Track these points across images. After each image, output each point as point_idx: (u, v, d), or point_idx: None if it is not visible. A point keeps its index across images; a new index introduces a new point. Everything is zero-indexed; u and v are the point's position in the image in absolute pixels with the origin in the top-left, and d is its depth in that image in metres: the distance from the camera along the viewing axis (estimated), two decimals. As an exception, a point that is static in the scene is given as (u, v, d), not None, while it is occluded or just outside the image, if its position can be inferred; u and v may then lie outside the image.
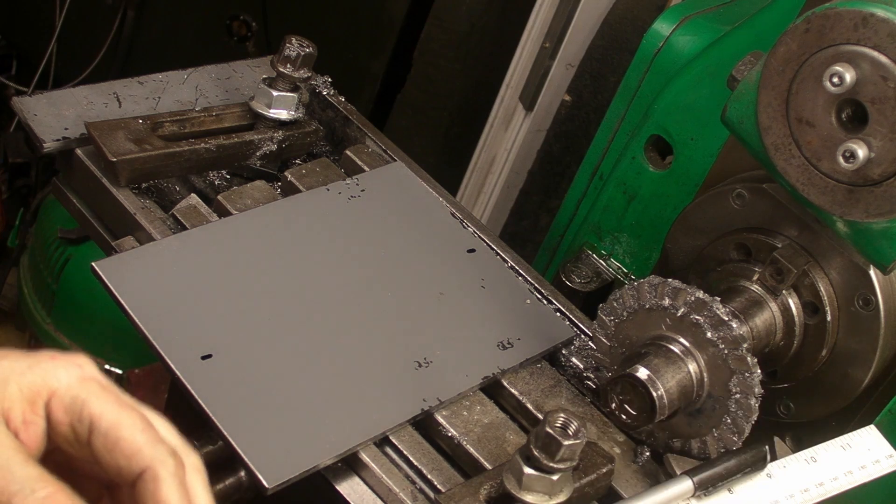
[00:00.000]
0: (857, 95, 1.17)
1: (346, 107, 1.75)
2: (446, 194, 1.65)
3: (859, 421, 1.44)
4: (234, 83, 1.74)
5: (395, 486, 1.25)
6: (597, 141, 1.81)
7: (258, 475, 1.18)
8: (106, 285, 1.34)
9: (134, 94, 1.65)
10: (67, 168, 1.57)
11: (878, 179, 1.19)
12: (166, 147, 1.52)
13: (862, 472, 1.32)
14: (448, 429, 1.33)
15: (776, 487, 1.28)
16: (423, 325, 1.43)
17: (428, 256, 1.54)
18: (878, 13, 1.14)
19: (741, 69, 1.33)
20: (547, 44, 2.62)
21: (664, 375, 1.27)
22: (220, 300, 1.36)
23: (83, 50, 3.39)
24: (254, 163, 1.63)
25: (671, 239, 1.53)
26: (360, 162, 1.66)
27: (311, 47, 1.61)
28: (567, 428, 1.15)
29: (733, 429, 1.30)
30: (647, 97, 1.70)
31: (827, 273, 1.38)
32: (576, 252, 1.83)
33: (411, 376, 1.36)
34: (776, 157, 1.28)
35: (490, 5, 2.76)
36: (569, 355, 1.48)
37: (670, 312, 1.30)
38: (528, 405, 1.39)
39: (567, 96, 2.68)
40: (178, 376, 1.26)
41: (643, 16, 2.48)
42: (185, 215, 1.49)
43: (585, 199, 1.82)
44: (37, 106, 1.56)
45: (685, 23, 1.67)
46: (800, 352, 1.42)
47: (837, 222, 1.30)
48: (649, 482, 1.34)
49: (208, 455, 1.31)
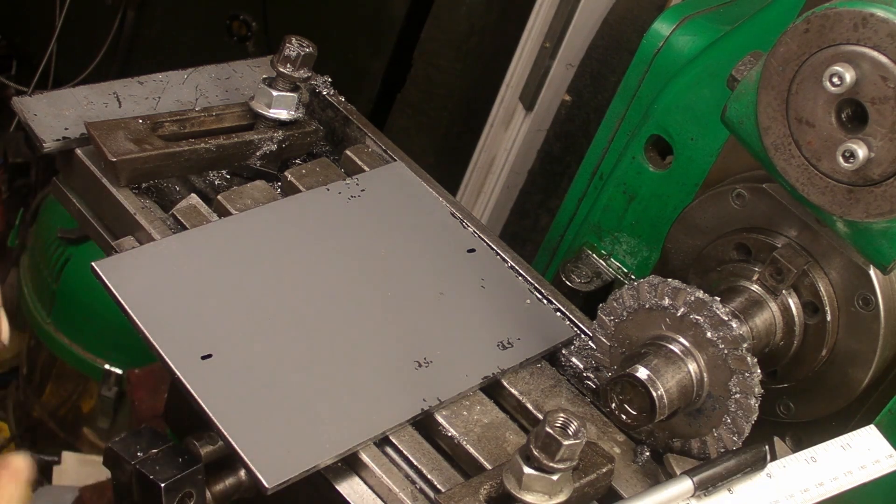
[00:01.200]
0: (856, 95, 1.17)
1: (346, 107, 1.75)
2: (446, 194, 1.65)
3: (859, 421, 1.44)
4: (234, 83, 1.74)
5: (395, 486, 1.25)
6: (597, 141, 1.81)
7: (258, 475, 1.18)
8: (106, 285, 1.34)
9: (134, 94, 1.65)
10: (67, 168, 1.57)
11: (878, 179, 1.19)
12: (166, 147, 1.52)
13: (862, 472, 1.32)
14: (448, 429, 1.33)
15: (776, 487, 1.28)
16: (423, 325, 1.43)
17: (428, 256, 1.54)
18: (878, 13, 1.14)
19: (741, 69, 1.33)
20: (547, 44, 2.62)
21: (664, 375, 1.27)
22: (220, 300, 1.36)
23: (83, 50, 3.39)
24: (254, 163, 1.63)
25: (671, 239, 1.53)
26: (360, 162, 1.66)
27: (311, 47, 1.61)
28: (567, 428, 1.15)
29: (733, 429, 1.31)
30: (647, 97, 1.70)
31: (827, 273, 1.38)
32: (576, 252, 1.83)
33: (411, 376, 1.36)
34: (776, 157, 1.28)
35: (490, 5, 2.76)
36: (569, 355, 1.48)
37: (670, 312, 1.30)
38: (528, 405, 1.39)
39: (567, 96, 2.68)
40: (178, 376, 1.26)
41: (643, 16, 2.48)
42: (185, 215, 1.49)
43: (585, 199, 1.82)
44: (37, 106, 1.56)
45: (685, 23, 1.67)
46: (800, 352, 1.42)
47: (837, 222, 1.30)
48: (649, 482, 1.34)
49: (208, 455, 1.31)
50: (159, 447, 1.27)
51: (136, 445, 1.26)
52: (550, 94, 2.67)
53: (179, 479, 1.24)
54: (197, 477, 1.27)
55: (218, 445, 1.31)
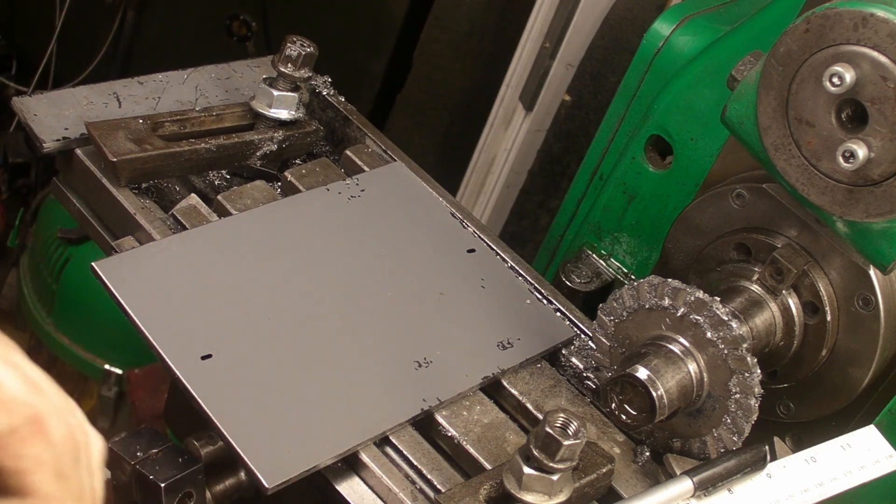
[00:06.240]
0: (857, 95, 1.17)
1: (346, 107, 1.75)
2: (446, 194, 1.65)
3: (859, 421, 1.44)
4: (234, 83, 1.74)
5: (395, 486, 1.25)
6: (597, 141, 1.81)
7: (258, 475, 1.18)
8: (106, 285, 1.34)
9: (134, 94, 1.64)
10: (67, 168, 1.57)
11: (878, 179, 1.19)
12: (166, 147, 1.52)
13: (862, 472, 1.32)
14: (448, 429, 1.33)
15: (776, 487, 1.28)
16: (423, 325, 1.43)
17: (428, 256, 1.54)
18: (878, 13, 1.14)
19: (741, 69, 1.33)
20: (547, 44, 2.62)
21: (664, 375, 1.27)
22: (220, 300, 1.36)
23: (83, 50, 3.39)
24: (254, 163, 1.63)
25: (671, 239, 1.53)
26: (360, 162, 1.66)
27: (312, 47, 1.61)
28: (567, 428, 1.15)
29: (733, 429, 1.30)
30: (647, 97, 1.70)
31: (827, 273, 1.38)
32: (576, 252, 1.83)
33: (411, 376, 1.36)
34: (776, 157, 1.28)
35: (490, 5, 2.76)
36: (569, 355, 1.48)
37: (670, 312, 1.30)
38: (528, 405, 1.39)
39: (567, 96, 2.68)
40: (178, 376, 1.26)
41: (643, 16, 2.48)
42: (185, 215, 1.49)
43: (585, 199, 1.82)
44: (37, 106, 1.56)
45: (685, 23, 1.67)
46: (800, 352, 1.42)
47: (837, 222, 1.30)
48: (649, 482, 1.34)
49: (208, 455, 1.31)
50: (159, 447, 1.27)
51: (136, 445, 1.26)
52: (550, 94, 2.66)
53: (179, 479, 1.24)
54: (197, 477, 1.27)
55: (218, 445, 1.31)
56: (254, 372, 1.29)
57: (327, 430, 1.26)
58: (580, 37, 2.59)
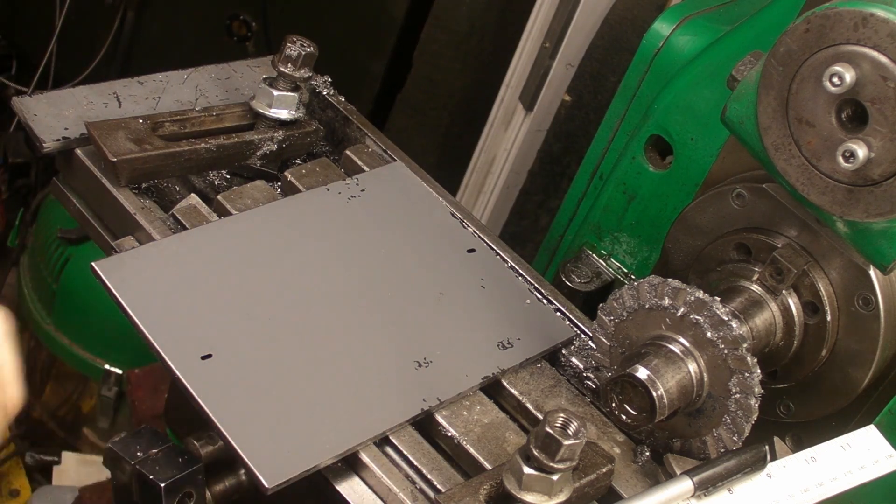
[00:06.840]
0: (857, 95, 1.17)
1: (346, 107, 1.75)
2: (446, 194, 1.65)
3: (859, 421, 1.44)
4: (234, 83, 1.74)
5: (395, 486, 1.25)
6: (597, 141, 1.81)
7: (258, 475, 1.18)
8: (106, 285, 1.34)
9: (134, 94, 1.65)
10: (67, 168, 1.57)
11: (878, 179, 1.19)
12: (166, 147, 1.52)
13: (862, 472, 1.32)
14: (448, 429, 1.33)
15: (776, 487, 1.28)
16: (423, 325, 1.43)
17: (428, 256, 1.54)
18: (878, 13, 1.14)
19: (741, 69, 1.33)
20: (547, 44, 2.62)
21: (664, 375, 1.27)
22: (220, 300, 1.36)
23: (83, 50, 3.39)
24: (254, 163, 1.63)
25: (671, 239, 1.53)
26: (360, 162, 1.66)
27: (312, 47, 1.61)
28: (567, 428, 1.15)
29: (733, 429, 1.30)
30: (647, 97, 1.70)
31: (827, 273, 1.38)
32: (576, 252, 1.83)
33: (411, 376, 1.36)
34: (776, 157, 1.28)
35: (490, 5, 2.76)
36: (569, 355, 1.48)
37: (670, 312, 1.30)
38: (528, 405, 1.39)
39: (567, 96, 2.68)
40: (178, 376, 1.26)
41: (643, 16, 2.48)
42: (185, 215, 1.49)
43: (585, 199, 1.82)
44: (37, 106, 1.56)
45: (685, 23, 1.67)
46: (800, 352, 1.42)
47: (837, 222, 1.30)
48: (649, 482, 1.34)
49: (208, 455, 1.31)
50: (159, 447, 1.27)
51: (136, 445, 1.27)
52: (550, 94, 2.66)
53: (179, 479, 1.25)
54: (197, 477, 1.27)
55: (218, 445, 1.31)
56: (254, 372, 1.29)
57: (327, 429, 1.26)
58: (580, 37, 2.59)
